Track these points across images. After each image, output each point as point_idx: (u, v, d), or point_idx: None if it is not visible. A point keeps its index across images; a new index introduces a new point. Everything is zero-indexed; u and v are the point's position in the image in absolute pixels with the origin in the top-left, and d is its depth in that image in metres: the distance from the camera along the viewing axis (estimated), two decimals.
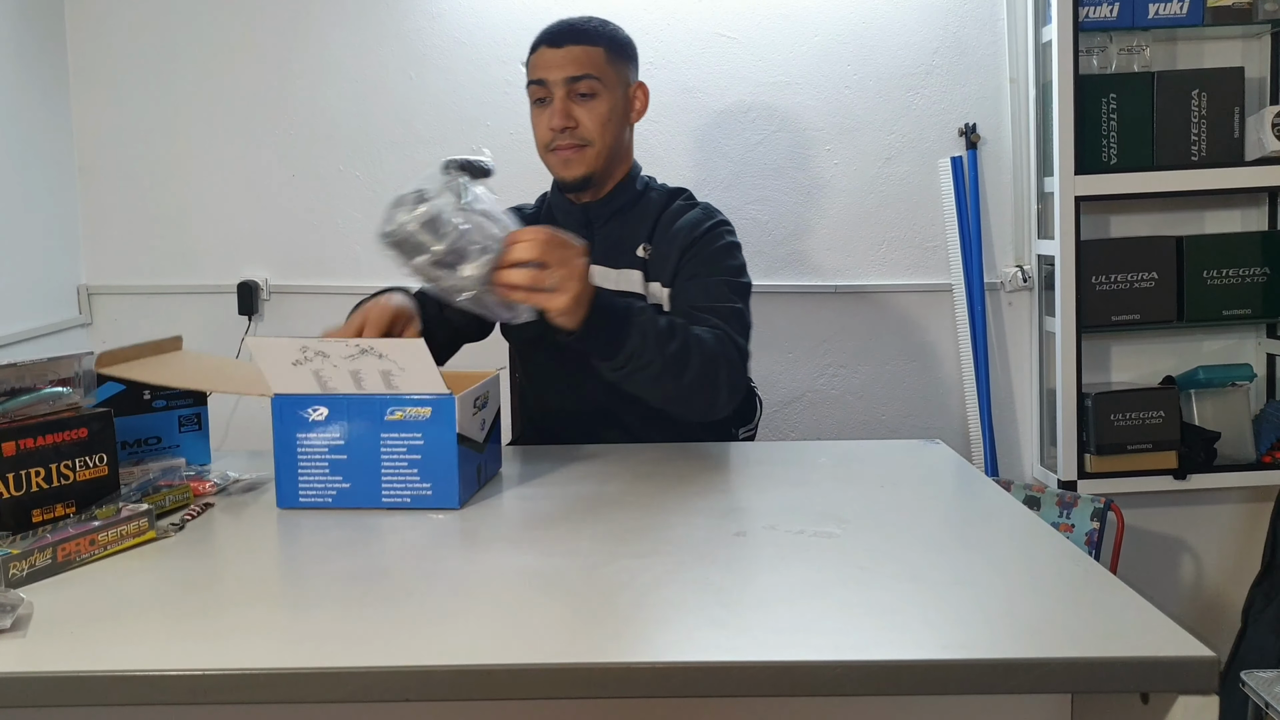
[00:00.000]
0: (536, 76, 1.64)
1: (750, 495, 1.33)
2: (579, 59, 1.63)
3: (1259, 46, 2.42)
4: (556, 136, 1.63)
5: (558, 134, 1.63)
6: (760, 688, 0.84)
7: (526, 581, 1.02)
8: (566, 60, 1.62)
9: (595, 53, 1.64)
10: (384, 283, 2.51)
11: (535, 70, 1.65)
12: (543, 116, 1.65)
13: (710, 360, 1.43)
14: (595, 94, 1.63)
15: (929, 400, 2.54)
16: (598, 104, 1.63)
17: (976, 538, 1.16)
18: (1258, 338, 2.51)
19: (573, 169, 1.65)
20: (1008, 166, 2.47)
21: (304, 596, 1.02)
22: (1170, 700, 0.82)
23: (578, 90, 1.62)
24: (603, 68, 1.64)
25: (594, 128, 1.63)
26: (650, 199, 1.73)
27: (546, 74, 1.63)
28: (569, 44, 1.63)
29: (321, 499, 1.25)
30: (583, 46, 1.63)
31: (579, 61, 1.62)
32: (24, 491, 1.10)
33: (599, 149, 1.64)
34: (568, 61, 1.62)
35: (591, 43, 1.64)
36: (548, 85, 1.63)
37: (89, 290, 2.53)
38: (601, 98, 1.63)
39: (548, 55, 1.63)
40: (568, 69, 1.62)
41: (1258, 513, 2.46)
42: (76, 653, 0.87)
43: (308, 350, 1.22)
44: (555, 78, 1.62)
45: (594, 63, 1.63)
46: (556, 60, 1.62)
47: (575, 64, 1.62)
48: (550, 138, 1.64)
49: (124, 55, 2.48)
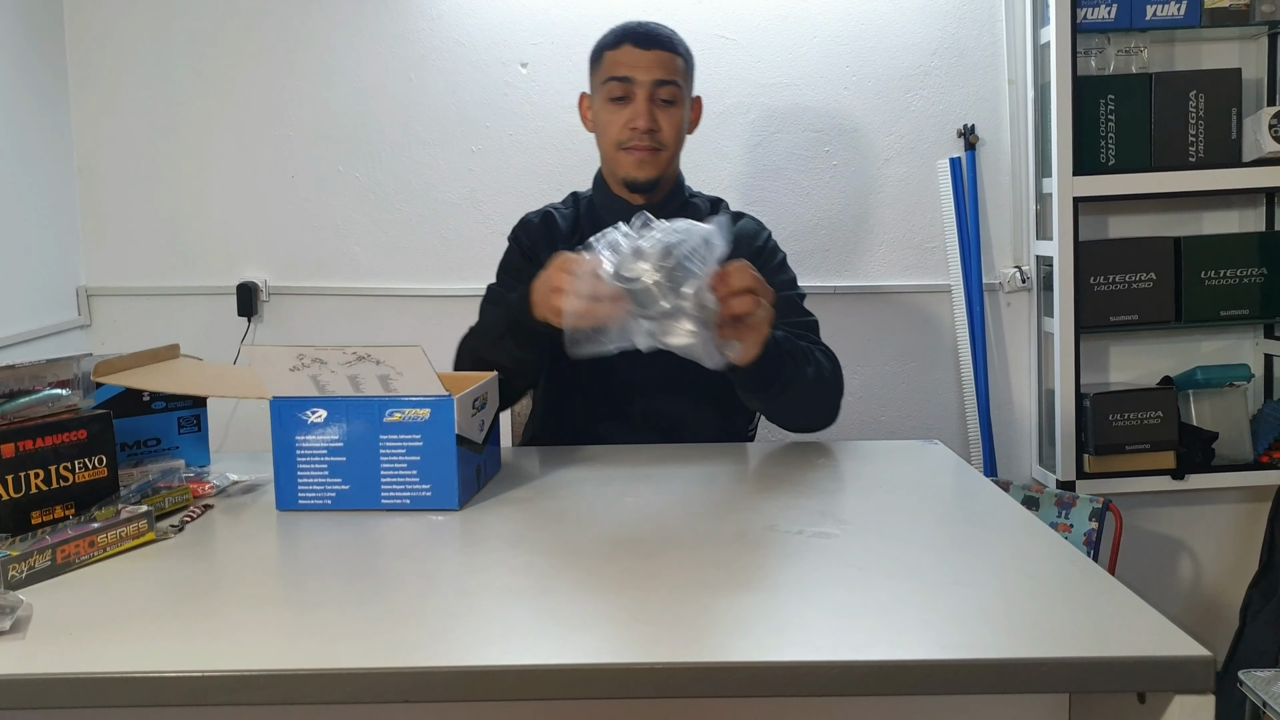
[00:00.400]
0: (620, 74, 1.64)
1: (749, 496, 1.33)
2: (666, 64, 1.64)
3: (1256, 48, 2.43)
4: (636, 136, 1.64)
5: (639, 134, 1.63)
6: (760, 688, 0.84)
7: (526, 582, 1.02)
8: (655, 63, 1.63)
9: (678, 61, 1.67)
10: (383, 284, 2.53)
11: (618, 67, 1.64)
12: (621, 114, 1.65)
13: (830, 378, 1.54)
14: (675, 101, 1.66)
15: (928, 401, 2.54)
16: (676, 112, 1.66)
17: (975, 538, 1.16)
18: (1255, 338, 2.51)
19: (646, 170, 1.66)
20: (1006, 167, 2.48)
21: (303, 598, 1.02)
22: (1167, 700, 0.82)
23: (661, 95, 1.64)
24: (683, 77, 1.67)
25: (671, 134, 1.66)
26: (695, 206, 1.76)
27: (633, 73, 1.63)
28: (656, 49, 1.64)
29: (321, 501, 1.25)
30: (669, 53, 1.65)
31: (666, 67, 1.64)
32: (23, 493, 1.10)
33: (670, 154, 1.68)
34: (655, 65, 1.63)
35: (675, 51, 1.66)
36: (633, 84, 1.64)
37: (88, 292, 2.53)
38: (679, 106, 1.67)
39: (634, 55, 1.64)
40: (655, 72, 1.63)
41: (1255, 513, 2.46)
42: (76, 654, 0.87)
43: (305, 357, 1.22)
44: (643, 79, 1.63)
45: (677, 70, 1.66)
46: (645, 61, 1.63)
47: (663, 68, 1.64)
48: (628, 136, 1.65)
49: (123, 56, 2.49)
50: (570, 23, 2.45)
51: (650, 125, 1.63)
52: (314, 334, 2.51)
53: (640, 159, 1.65)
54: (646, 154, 1.65)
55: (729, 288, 1.28)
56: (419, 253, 2.52)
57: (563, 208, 1.79)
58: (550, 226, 1.75)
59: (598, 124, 1.71)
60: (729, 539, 1.13)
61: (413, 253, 2.52)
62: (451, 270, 2.51)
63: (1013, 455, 2.53)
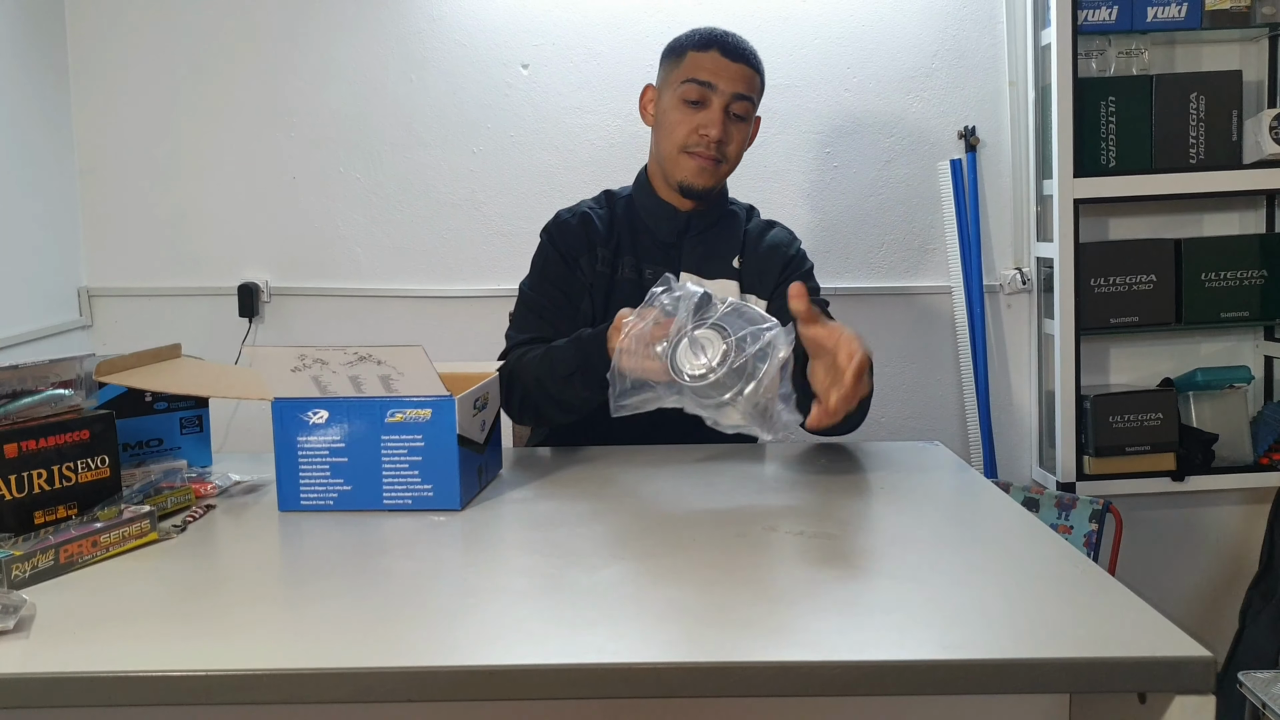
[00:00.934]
0: (703, 78, 1.61)
1: (750, 497, 1.33)
2: (748, 79, 1.63)
3: (1257, 50, 2.43)
4: (704, 143, 1.62)
5: (708, 142, 1.61)
6: (760, 688, 0.84)
7: (528, 582, 1.03)
8: (739, 76, 1.62)
9: (757, 80, 1.65)
10: (384, 284, 2.53)
11: (701, 71, 1.62)
12: (694, 117, 1.62)
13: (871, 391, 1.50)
14: (746, 118, 1.65)
15: (928, 402, 2.54)
16: (744, 128, 1.66)
17: (975, 539, 1.16)
18: (1255, 340, 2.51)
19: (705, 179, 1.65)
20: (1007, 169, 2.48)
21: (306, 597, 1.02)
22: (1167, 700, 0.83)
23: (735, 110, 1.63)
24: (758, 95, 1.67)
25: (736, 149, 1.66)
26: (734, 213, 1.76)
27: (716, 79, 1.61)
28: (742, 62, 1.63)
29: (323, 501, 1.25)
30: (752, 69, 1.64)
31: (748, 82, 1.63)
32: (26, 493, 1.11)
33: (729, 168, 1.67)
34: (739, 78, 1.62)
35: (756, 68, 1.65)
36: (714, 90, 1.61)
37: (90, 292, 2.53)
38: (749, 123, 1.67)
39: (720, 63, 1.61)
40: (738, 85, 1.62)
41: (1255, 514, 2.46)
42: (79, 653, 0.87)
43: (306, 358, 1.22)
44: (725, 88, 1.61)
45: (755, 88, 1.65)
46: (730, 72, 1.61)
47: (745, 83, 1.62)
48: (695, 141, 1.62)
49: (125, 57, 2.49)
50: (571, 24, 2.45)
51: (721, 136, 1.61)
52: (315, 334, 2.52)
53: (702, 166, 1.63)
54: (709, 163, 1.63)
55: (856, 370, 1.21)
56: (420, 253, 2.52)
57: (597, 208, 1.75)
58: (589, 229, 1.70)
59: (663, 121, 1.67)
60: (730, 539, 1.13)
61: (413, 253, 2.52)
62: (452, 271, 2.52)
63: (1013, 457, 2.54)
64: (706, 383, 1.23)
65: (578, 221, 1.71)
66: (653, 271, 1.68)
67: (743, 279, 1.71)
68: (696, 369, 1.23)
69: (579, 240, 1.70)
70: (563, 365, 1.49)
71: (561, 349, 1.50)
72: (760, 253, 1.72)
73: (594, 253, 1.69)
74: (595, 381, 1.43)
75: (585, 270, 1.69)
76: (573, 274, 1.69)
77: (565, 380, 1.48)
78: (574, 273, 1.69)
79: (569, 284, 1.68)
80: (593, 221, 1.71)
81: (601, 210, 1.75)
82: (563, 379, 1.49)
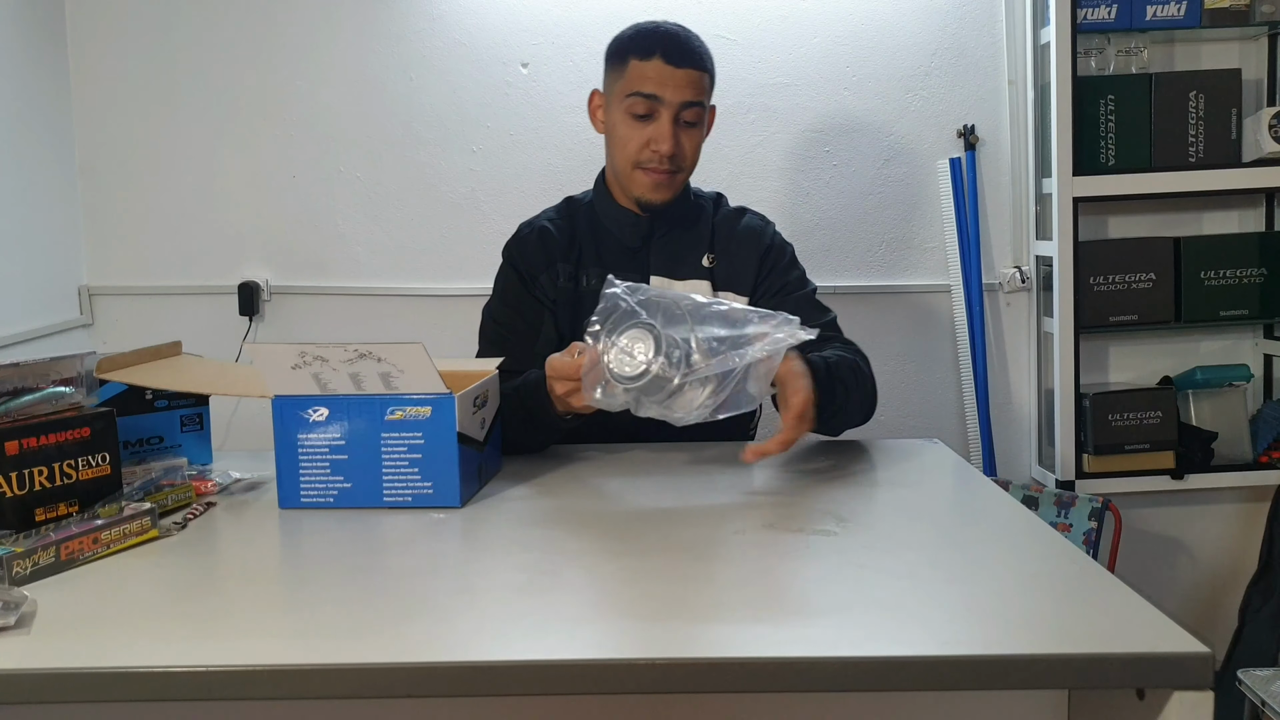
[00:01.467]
0: (649, 90, 1.54)
1: (749, 494, 1.33)
2: (695, 84, 1.56)
3: (1256, 48, 2.43)
4: (656, 159, 1.56)
5: (660, 157, 1.55)
6: (759, 683, 0.85)
7: (527, 579, 1.03)
8: (685, 84, 1.54)
9: (705, 80, 1.58)
10: (383, 284, 2.53)
11: (645, 83, 1.54)
12: (642, 131, 1.56)
13: (868, 381, 1.53)
14: (698, 122, 1.59)
15: (927, 400, 2.54)
16: (698, 132, 1.59)
17: (974, 536, 1.16)
18: (1255, 338, 2.51)
19: (663, 193, 1.60)
20: (1006, 168, 2.48)
21: (306, 594, 1.02)
22: (1166, 696, 0.83)
23: (686, 117, 1.56)
24: (708, 95, 1.60)
25: (691, 156, 1.60)
26: (700, 206, 1.70)
27: (662, 91, 1.54)
28: (688, 66, 1.55)
29: (323, 499, 1.25)
30: (698, 71, 1.56)
31: (695, 87, 1.56)
32: (27, 490, 1.11)
33: (687, 174, 1.62)
34: (686, 85, 1.54)
35: (703, 68, 1.57)
36: (661, 102, 1.54)
37: (90, 291, 2.53)
38: (701, 126, 1.60)
39: (665, 71, 1.54)
40: (684, 93, 1.54)
41: (1254, 512, 2.46)
42: (80, 650, 0.87)
43: (306, 355, 1.22)
44: (672, 99, 1.54)
45: (704, 90, 1.58)
46: (676, 80, 1.54)
47: (692, 89, 1.55)
48: (648, 157, 1.56)
49: (125, 56, 2.49)
50: (571, 23, 2.45)
51: (673, 149, 1.55)
52: (315, 333, 2.52)
53: (657, 181, 1.58)
54: (664, 177, 1.58)
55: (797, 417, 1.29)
56: (420, 252, 2.52)
57: (557, 218, 1.69)
58: (547, 244, 1.65)
59: (613, 135, 1.61)
60: (729, 536, 1.13)
61: (413, 252, 2.52)
62: (452, 270, 2.52)
63: (1012, 455, 2.54)
64: (650, 378, 1.23)
65: (536, 237, 1.67)
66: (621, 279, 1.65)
67: (715, 277, 1.65)
68: (636, 368, 1.23)
69: (537, 257, 1.65)
70: (512, 415, 1.44)
71: (510, 397, 1.45)
72: (733, 247, 1.66)
73: (554, 269, 1.65)
74: (546, 427, 1.45)
75: (546, 287, 1.64)
76: (531, 295, 1.64)
77: (520, 426, 1.45)
78: (533, 293, 1.64)
79: (528, 308, 1.64)
80: (551, 235, 1.66)
81: (561, 220, 1.69)
82: (518, 425, 1.45)
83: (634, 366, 1.23)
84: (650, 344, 1.23)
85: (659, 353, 1.23)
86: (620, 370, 1.24)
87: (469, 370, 1.37)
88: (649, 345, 1.24)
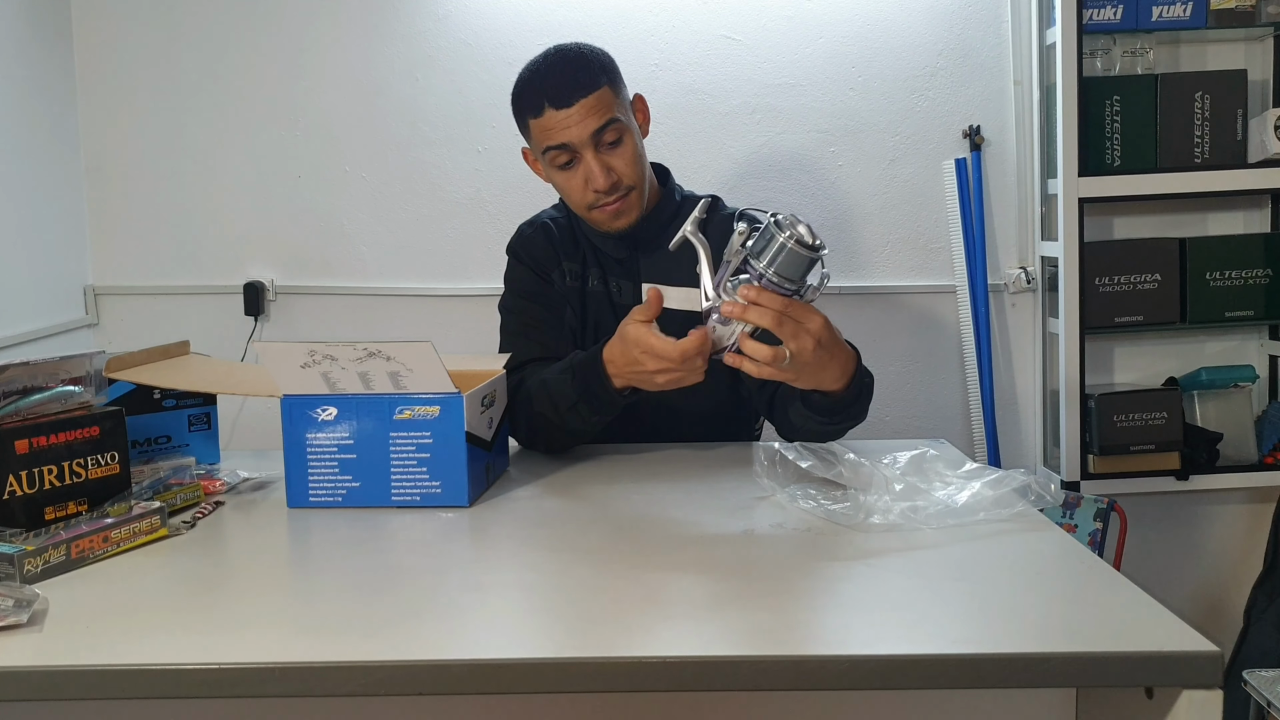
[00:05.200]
0: (556, 141, 1.50)
1: (757, 493, 1.33)
2: (594, 109, 1.48)
3: (1262, 49, 2.43)
4: (599, 197, 1.52)
5: (601, 194, 1.52)
6: (767, 682, 0.85)
7: (536, 577, 1.03)
8: (583, 115, 1.48)
9: (604, 95, 1.50)
10: (389, 283, 2.53)
11: (550, 135, 1.50)
12: (574, 179, 1.53)
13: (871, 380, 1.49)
14: (621, 137, 1.51)
15: (933, 401, 2.54)
16: (626, 145, 1.52)
17: (981, 535, 1.16)
18: (1260, 339, 2.51)
19: (623, 219, 1.56)
20: (1012, 168, 2.48)
21: (315, 592, 1.03)
22: (1175, 694, 0.83)
23: (605, 141, 1.50)
24: (615, 105, 1.51)
25: (632, 171, 1.53)
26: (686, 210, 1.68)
27: (568, 137, 1.48)
28: (578, 98, 1.47)
29: (331, 498, 1.26)
30: (592, 94, 1.48)
31: (596, 111, 1.48)
32: (37, 489, 1.11)
33: (640, 187, 1.56)
34: (585, 116, 1.48)
35: (596, 85, 1.49)
36: (573, 148, 1.50)
37: (95, 291, 2.54)
38: (627, 137, 1.52)
39: (557, 117, 1.48)
40: (589, 124, 1.48)
41: (1260, 513, 2.46)
42: (91, 647, 0.88)
43: (315, 353, 1.23)
44: (580, 138, 1.48)
45: (608, 105, 1.50)
46: (573, 119, 1.48)
47: (594, 115, 1.48)
48: (592, 198, 1.53)
49: (131, 56, 2.49)
50: (576, 23, 2.45)
51: (609, 181, 1.50)
52: (320, 333, 2.52)
53: (614, 212, 1.54)
54: (617, 205, 1.53)
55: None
56: (425, 252, 2.53)
57: (558, 215, 1.69)
58: (553, 241, 1.65)
59: (555, 186, 1.59)
60: (737, 535, 1.14)
61: (419, 252, 2.53)
62: (458, 270, 2.52)
63: (1017, 455, 2.54)
64: (823, 253, 1.24)
65: (541, 236, 1.66)
66: (618, 285, 1.63)
67: None
68: (814, 239, 1.23)
69: (546, 254, 1.65)
70: (563, 397, 1.43)
71: (558, 380, 1.43)
72: None
73: (561, 267, 1.64)
74: (602, 406, 1.41)
75: (557, 284, 1.64)
76: (549, 286, 1.64)
77: (570, 410, 1.43)
78: (549, 285, 1.64)
79: (547, 297, 1.64)
80: (554, 233, 1.66)
81: (561, 217, 1.68)
82: (567, 409, 1.43)
83: (811, 237, 1.23)
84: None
85: None
86: (804, 239, 1.22)
87: (477, 370, 1.37)
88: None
